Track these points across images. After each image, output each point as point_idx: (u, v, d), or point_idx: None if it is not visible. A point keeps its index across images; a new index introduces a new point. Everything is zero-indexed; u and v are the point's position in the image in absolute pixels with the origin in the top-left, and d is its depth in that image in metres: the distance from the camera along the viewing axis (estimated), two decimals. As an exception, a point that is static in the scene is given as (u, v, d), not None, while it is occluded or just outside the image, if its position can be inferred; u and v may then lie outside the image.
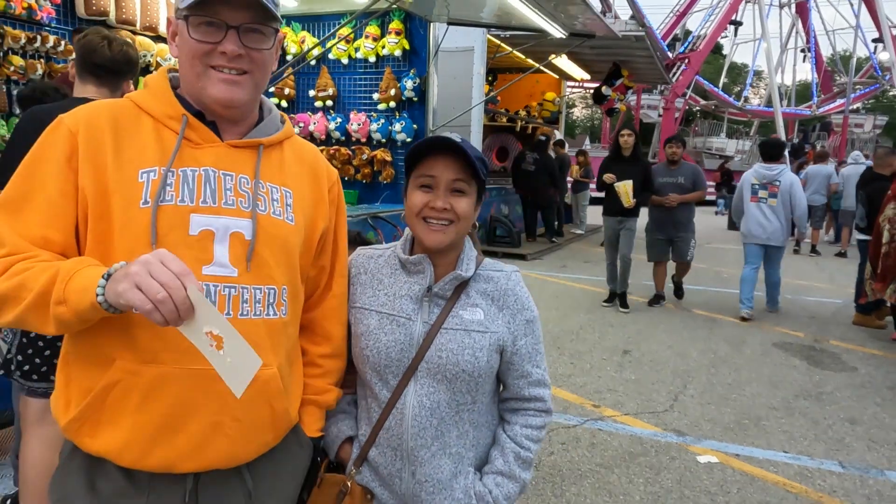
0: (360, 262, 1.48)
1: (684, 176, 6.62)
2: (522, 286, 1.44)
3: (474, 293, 1.40)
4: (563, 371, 4.73)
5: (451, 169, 1.34)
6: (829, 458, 3.49)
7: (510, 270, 1.46)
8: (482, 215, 10.31)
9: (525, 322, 1.41)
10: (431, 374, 1.34)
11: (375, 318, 1.40)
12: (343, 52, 8.51)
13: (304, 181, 1.36)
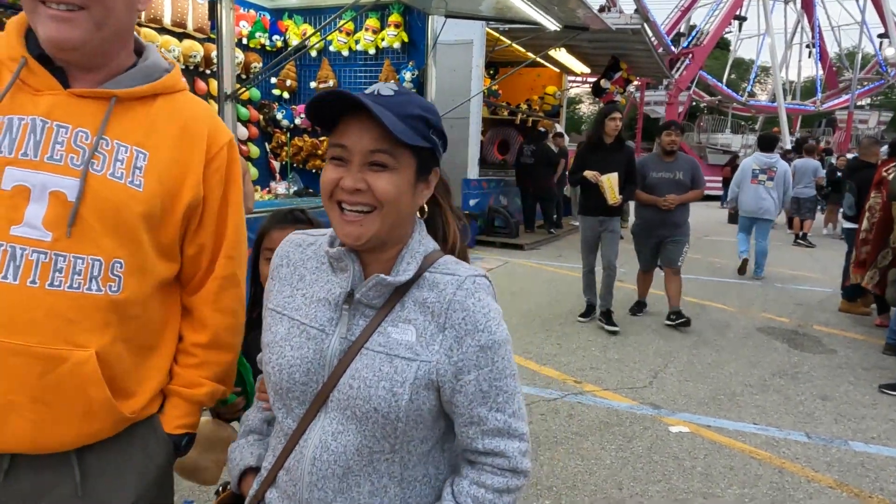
0: (283, 251, 1.16)
1: (682, 171, 5.59)
2: (480, 297, 1.03)
3: (411, 304, 1.04)
4: (549, 351, 4.90)
5: (368, 135, 0.99)
6: (796, 430, 3.66)
7: (466, 275, 1.04)
8: (481, 206, 10.56)
9: (477, 349, 1.00)
10: (342, 408, 1.02)
11: (286, 325, 1.08)
12: (343, 44, 8.68)
13: (168, 143, 1.19)
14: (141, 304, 1.18)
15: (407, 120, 0.99)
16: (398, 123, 0.97)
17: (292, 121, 9.09)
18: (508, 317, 4.72)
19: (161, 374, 1.26)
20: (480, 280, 1.05)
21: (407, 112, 1.00)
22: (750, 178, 7.89)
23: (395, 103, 0.99)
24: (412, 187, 1.04)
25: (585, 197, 5.54)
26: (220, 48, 4.95)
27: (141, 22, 6.93)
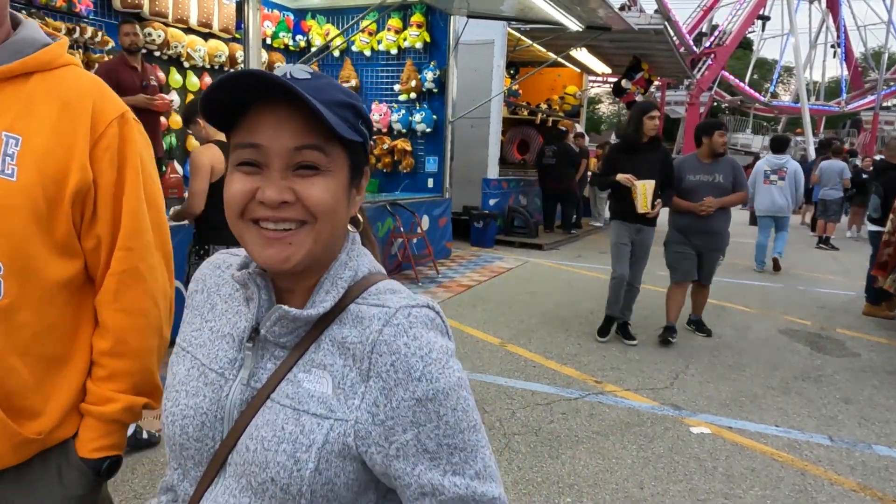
0: (201, 274, 0.96)
1: (723, 173, 4.99)
2: (416, 335, 0.78)
3: (328, 344, 0.81)
4: (569, 351, 4.92)
5: (289, 129, 0.76)
6: (818, 433, 3.64)
7: (398, 306, 0.80)
8: (500, 206, 10.59)
9: (413, 402, 0.76)
10: (238, 474, 0.80)
11: (186, 365, 0.88)
12: (366, 44, 8.76)
13: (46, 124, 1.04)
14: (32, 311, 1.03)
15: (333, 108, 0.76)
16: (327, 111, 0.74)
17: (314, 120, 9.18)
18: (528, 316, 4.77)
19: (73, 389, 1.11)
20: (418, 312, 0.80)
21: (331, 98, 0.77)
22: (762, 180, 8.22)
23: (314, 88, 0.75)
24: (347, 193, 0.82)
25: (619, 201, 4.91)
26: (246, 49, 5.03)
27: (168, 22, 7.06)
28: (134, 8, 6.67)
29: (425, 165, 8.72)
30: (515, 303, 6.36)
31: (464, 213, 10.02)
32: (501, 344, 5.00)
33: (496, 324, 5.57)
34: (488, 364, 4.52)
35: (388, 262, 7.28)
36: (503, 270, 8.02)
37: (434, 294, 6.55)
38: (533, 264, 8.60)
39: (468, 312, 5.91)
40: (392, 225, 7.20)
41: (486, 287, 7.05)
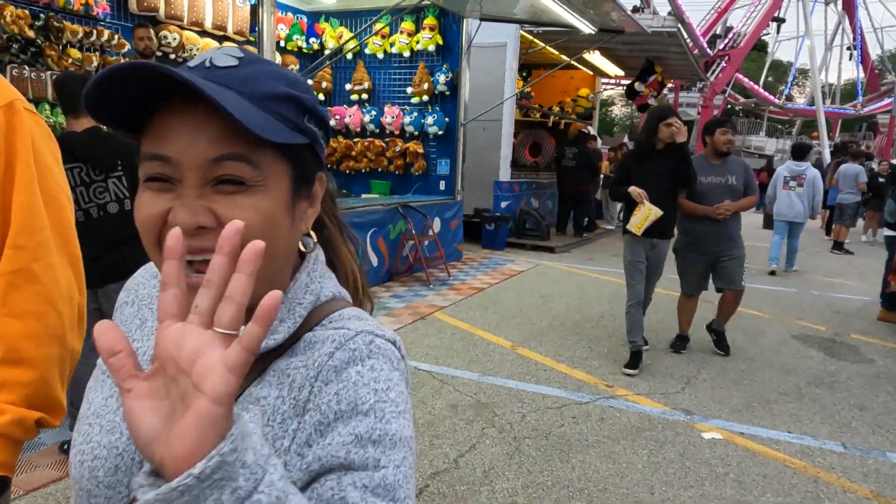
0: (133, 283, 0.84)
1: (735, 174, 4.75)
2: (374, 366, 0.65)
3: (271, 375, 0.66)
4: (580, 354, 4.91)
5: (204, 136, 0.61)
6: (832, 440, 3.62)
7: (358, 330, 0.67)
8: (512, 208, 10.59)
9: (352, 439, 0.61)
10: None
11: (105, 393, 0.73)
12: (378, 46, 8.80)
13: None
14: None
15: (266, 103, 0.63)
16: (252, 110, 0.60)
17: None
18: (539, 319, 4.77)
19: None
20: (383, 344, 0.67)
21: (264, 91, 0.63)
22: (782, 185, 8.47)
23: (241, 78, 0.63)
24: (289, 209, 0.66)
25: (632, 213, 4.55)
26: (260, 52, 5.06)
27: (183, 25, 7.12)
28: (150, 11, 6.74)
29: (437, 168, 8.74)
30: (526, 306, 6.36)
31: (475, 216, 10.03)
32: (512, 347, 5.01)
33: (507, 327, 5.57)
34: (499, 367, 4.53)
35: (399, 265, 7.30)
36: (514, 273, 8.01)
37: (445, 296, 6.57)
38: (544, 267, 8.59)
39: (479, 315, 5.92)
40: (404, 227, 7.22)
41: (497, 290, 7.05)
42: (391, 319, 5.61)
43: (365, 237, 6.62)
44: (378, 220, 6.81)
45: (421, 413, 3.69)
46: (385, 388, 0.64)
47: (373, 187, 9.00)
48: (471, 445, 3.32)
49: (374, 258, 6.81)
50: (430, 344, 4.99)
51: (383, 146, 8.95)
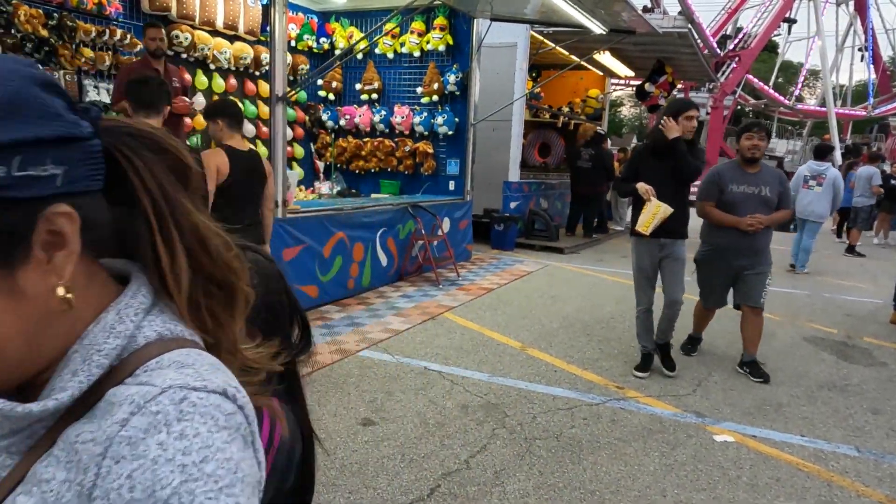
0: None
1: (769, 185, 4.37)
2: (186, 433, 0.50)
3: (62, 446, 0.52)
4: (590, 355, 4.90)
5: None
6: (845, 443, 3.59)
7: (170, 385, 0.52)
8: (521, 208, 10.57)
9: None
10: None
11: None
12: (389, 46, 8.80)
13: None
14: None
15: None
16: None
17: (337, 122, 9.25)
18: (549, 320, 4.80)
19: None
20: (202, 398, 0.53)
21: None
22: (802, 184, 8.67)
23: None
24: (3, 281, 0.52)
25: (640, 212, 4.28)
26: (272, 52, 5.07)
27: (195, 24, 7.15)
28: (162, 11, 6.78)
29: (447, 168, 8.73)
30: (536, 306, 6.34)
31: (484, 216, 10.02)
32: (522, 348, 5.00)
33: (517, 327, 5.56)
34: (509, 367, 4.52)
35: (409, 264, 7.30)
36: (524, 273, 8.00)
37: (454, 296, 6.56)
38: (553, 268, 8.57)
39: (489, 315, 5.91)
40: (413, 227, 7.22)
41: (506, 290, 7.04)
42: (401, 319, 5.61)
43: (374, 237, 6.62)
44: (388, 219, 6.81)
45: (431, 413, 3.69)
46: (199, 461, 0.49)
47: (382, 187, 9.00)
48: (481, 446, 3.32)
49: (384, 258, 6.82)
50: (440, 344, 4.98)
51: (393, 146, 8.96)
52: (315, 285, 5.73)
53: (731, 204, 4.39)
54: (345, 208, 6.22)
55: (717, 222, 4.46)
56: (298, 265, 5.50)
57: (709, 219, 4.53)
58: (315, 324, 5.37)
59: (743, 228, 4.32)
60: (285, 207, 5.31)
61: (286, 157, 5.32)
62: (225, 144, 3.80)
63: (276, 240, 5.23)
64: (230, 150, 3.78)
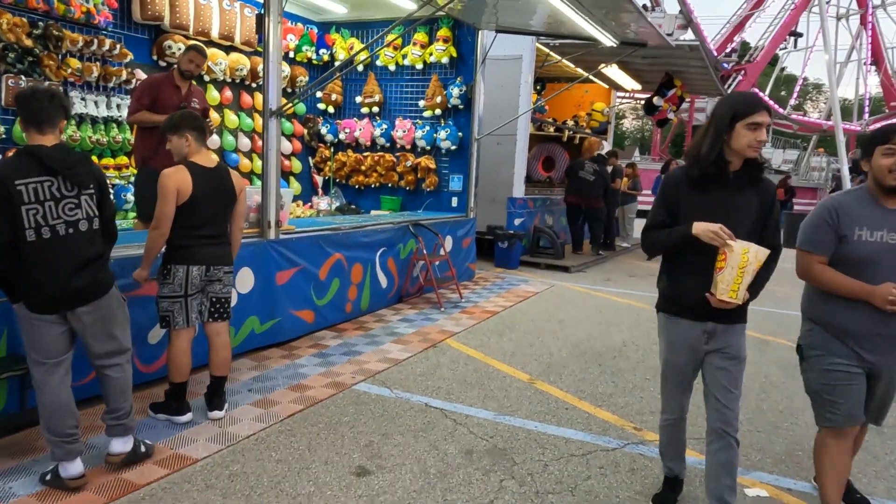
0: None
1: None
2: None
3: None
4: (603, 390, 4.56)
5: None
6: (891, 498, 3.24)
7: None
8: (525, 225, 10.24)
9: None
10: None
11: None
12: (390, 58, 8.52)
13: None
14: None
15: None
16: None
17: (336, 135, 8.96)
18: (558, 348, 4.41)
19: None
20: None
21: None
22: None
23: None
24: None
25: (679, 276, 2.72)
26: (266, 62, 4.78)
27: (189, 35, 6.87)
28: (154, 20, 6.50)
29: (449, 184, 8.43)
30: (544, 332, 6.01)
31: (488, 233, 9.70)
32: (530, 381, 4.66)
33: (524, 356, 5.22)
34: (517, 405, 4.18)
35: (409, 286, 6.97)
36: (529, 294, 7.67)
37: (457, 321, 6.23)
38: (560, 288, 8.24)
39: (494, 342, 5.58)
40: (414, 246, 6.90)
41: (512, 313, 6.71)
42: (400, 347, 5.28)
43: (374, 257, 6.30)
44: (388, 239, 6.50)
45: (433, 461, 3.35)
46: None
47: (382, 203, 8.70)
48: (489, 501, 2.98)
49: (384, 279, 6.49)
50: (443, 376, 4.65)
51: (394, 161, 8.66)
52: (311, 310, 5.41)
53: (860, 262, 2.62)
54: (342, 227, 5.91)
55: (835, 290, 2.68)
56: (293, 289, 5.18)
57: (820, 284, 2.74)
58: (309, 352, 5.04)
59: (880, 306, 2.55)
60: (278, 228, 4.99)
61: (280, 174, 5.01)
62: (189, 161, 3.51)
63: (269, 262, 4.92)
64: (194, 167, 3.49)
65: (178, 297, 3.52)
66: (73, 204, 2.80)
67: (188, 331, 3.59)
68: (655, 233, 2.71)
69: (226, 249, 3.69)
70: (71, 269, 2.78)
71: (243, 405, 3.94)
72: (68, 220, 2.79)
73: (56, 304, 2.79)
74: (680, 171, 2.71)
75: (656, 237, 2.71)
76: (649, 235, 2.75)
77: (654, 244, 2.75)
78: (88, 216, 2.86)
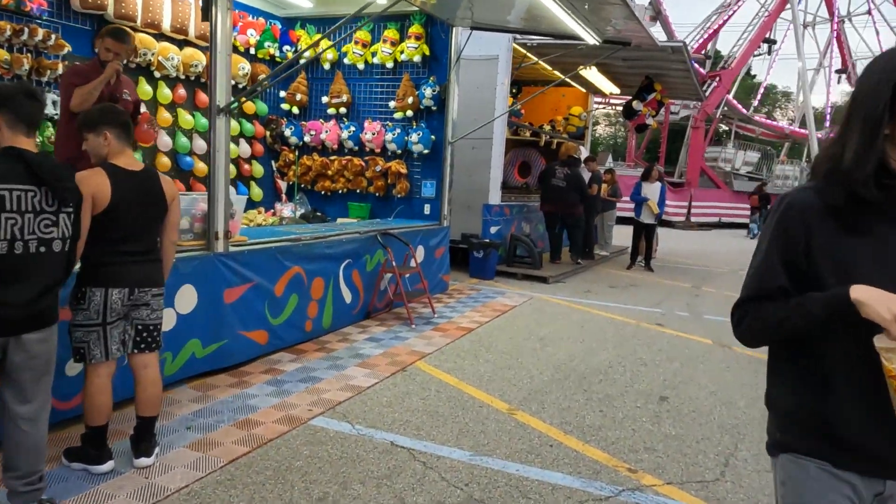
0: None
1: None
2: None
3: None
4: (591, 422, 4.09)
5: None
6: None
7: None
8: (502, 233, 9.78)
9: None
10: None
11: None
12: (359, 56, 8.01)
13: None
14: None
15: None
16: None
17: (301, 138, 8.41)
18: (539, 371, 3.73)
19: None
20: None
21: None
22: None
23: None
24: None
25: (817, 390, 1.42)
26: (212, 54, 4.25)
27: (136, 26, 6.28)
28: (96, 10, 5.90)
29: (422, 190, 7.93)
30: (523, 352, 5.54)
31: (462, 242, 9.21)
32: (510, 411, 4.17)
33: (502, 381, 4.74)
34: (495, 442, 3.68)
35: (377, 300, 6.45)
36: (507, 308, 7.20)
37: (429, 339, 5.72)
38: (539, 301, 7.79)
39: (469, 365, 5.09)
40: (383, 258, 6.38)
41: (488, 330, 6.23)
42: (365, 371, 4.76)
43: (337, 270, 5.77)
44: (353, 250, 5.97)
45: (397, 518, 2.84)
46: None
47: (350, 210, 8.17)
48: (463, 573, 2.48)
49: (349, 294, 5.96)
50: (412, 407, 4.14)
51: (363, 165, 8.14)
52: (264, 330, 4.86)
53: None
54: (302, 238, 5.37)
55: None
56: (244, 307, 4.63)
57: None
58: (262, 378, 4.49)
59: None
60: (227, 239, 4.44)
61: (229, 179, 4.46)
62: (108, 163, 2.97)
63: (216, 278, 4.37)
64: (115, 170, 2.96)
65: (95, 326, 2.96)
66: (50, 221, 2.50)
67: (107, 365, 3.03)
68: (767, 308, 1.43)
69: (155, 268, 3.14)
70: (39, 290, 2.47)
71: (178, 447, 3.38)
72: (42, 237, 2.48)
73: (12, 327, 2.41)
74: (808, 194, 1.43)
75: (769, 315, 1.42)
76: (755, 311, 1.45)
77: (765, 328, 1.44)
78: (63, 236, 2.56)
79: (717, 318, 7.39)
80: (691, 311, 7.71)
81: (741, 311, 1.49)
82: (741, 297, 1.50)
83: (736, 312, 1.51)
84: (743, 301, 1.49)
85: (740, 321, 1.50)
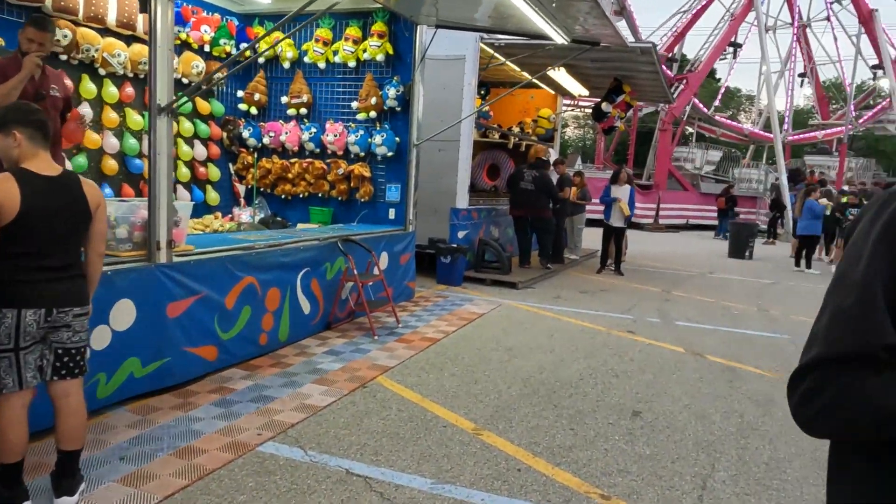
0: None
1: None
2: None
3: None
4: (561, 441, 3.85)
5: None
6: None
7: None
8: (470, 238, 9.54)
9: None
10: None
11: None
12: (320, 55, 7.69)
13: None
14: None
15: None
16: None
17: (260, 139, 8.06)
18: (507, 385, 3.21)
19: None
20: None
21: None
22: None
23: None
24: None
25: None
26: (152, 48, 3.91)
27: (78, 20, 5.89)
28: (34, 2, 5.50)
29: (386, 194, 7.65)
30: (490, 364, 5.29)
31: (429, 247, 8.95)
32: (475, 431, 3.92)
33: (468, 397, 4.48)
34: (459, 467, 3.42)
35: (338, 309, 6.15)
36: (474, 316, 6.95)
37: (392, 352, 5.45)
38: (507, 308, 7.56)
39: (433, 379, 4.82)
40: (344, 266, 6.08)
41: (454, 340, 5.97)
42: (322, 388, 4.46)
43: (294, 280, 5.45)
44: (311, 258, 5.66)
45: (348, 562, 2.56)
46: None
47: (312, 215, 7.85)
48: None
49: (307, 304, 5.65)
50: (371, 428, 3.86)
51: (324, 168, 7.82)
52: (213, 345, 4.53)
53: None
54: (256, 247, 5.05)
55: None
56: (189, 321, 4.29)
57: None
58: (209, 398, 4.16)
59: None
60: (171, 249, 4.11)
61: (172, 183, 4.13)
62: (19, 168, 2.65)
63: (157, 291, 4.03)
64: (26, 175, 2.64)
65: (7, 352, 2.62)
66: None
67: (21, 395, 2.69)
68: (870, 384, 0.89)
69: (77, 285, 2.81)
70: None
71: (108, 482, 3.05)
72: None
73: None
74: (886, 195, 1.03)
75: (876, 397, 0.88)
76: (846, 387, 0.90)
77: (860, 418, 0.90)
78: None
79: (688, 323, 7.25)
80: (662, 317, 7.56)
81: (816, 379, 0.92)
82: (816, 356, 0.93)
83: (805, 381, 0.94)
84: (819, 362, 0.92)
85: (812, 397, 0.92)
